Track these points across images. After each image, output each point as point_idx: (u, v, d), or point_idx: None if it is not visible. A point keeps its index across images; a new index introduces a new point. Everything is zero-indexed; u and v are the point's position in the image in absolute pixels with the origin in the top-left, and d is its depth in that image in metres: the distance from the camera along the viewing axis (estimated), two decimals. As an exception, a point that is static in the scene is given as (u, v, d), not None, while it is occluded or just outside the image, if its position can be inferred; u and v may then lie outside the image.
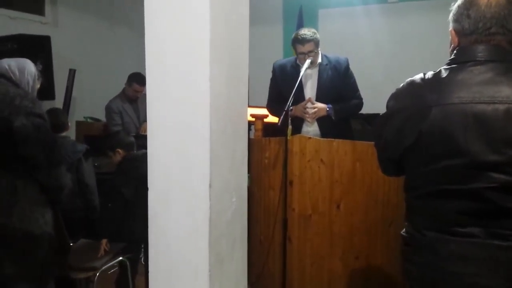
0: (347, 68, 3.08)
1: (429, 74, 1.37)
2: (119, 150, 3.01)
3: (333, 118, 3.02)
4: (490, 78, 1.27)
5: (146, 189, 1.57)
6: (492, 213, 1.26)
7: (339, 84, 3.05)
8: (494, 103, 1.23)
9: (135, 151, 3.06)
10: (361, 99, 3.14)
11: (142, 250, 3.21)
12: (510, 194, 1.23)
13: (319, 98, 3.06)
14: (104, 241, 2.82)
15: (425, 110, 1.31)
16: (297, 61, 3.05)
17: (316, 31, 3.03)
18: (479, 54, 1.31)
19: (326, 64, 3.07)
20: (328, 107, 3.01)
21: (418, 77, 1.39)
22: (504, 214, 1.25)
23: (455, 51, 1.38)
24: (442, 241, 1.33)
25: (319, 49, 3.06)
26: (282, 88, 3.02)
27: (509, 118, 1.21)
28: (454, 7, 1.40)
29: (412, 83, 1.40)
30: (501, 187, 1.23)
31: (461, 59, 1.34)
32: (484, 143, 1.24)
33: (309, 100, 3.03)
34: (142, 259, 3.30)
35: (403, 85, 1.43)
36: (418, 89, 1.37)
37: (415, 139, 1.34)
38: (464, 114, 1.26)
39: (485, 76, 1.28)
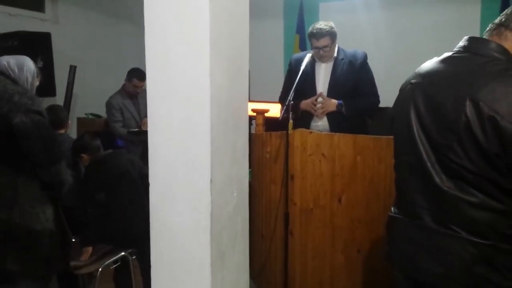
0: (363, 62, 3.02)
1: (434, 58, 1.46)
2: (83, 155, 2.88)
3: (344, 113, 2.97)
4: (468, 70, 1.31)
5: (118, 190, 1.57)
6: (435, 194, 1.31)
7: (353, 79, 3.00)
8: (453, 88, 1.28)
9: (101, 153, 2.93)
10: (377, 96, 3.06)
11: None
12: (451, 180, 1.27)
13: (330, 93, 3.01)
14: (90, 248, 2.75)
15: (406, 86, 1.46)
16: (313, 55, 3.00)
17: (333, 25, 2.96)
18: (486, 49, 1.34)
19: (342, 59, 3.02)
20: (338, 103, 2.97)
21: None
22: (443, 197, 1.28)
23: (465, 39, 1.43)
24: (397, 220, 1.42)
25: (336, 43, 3.02)
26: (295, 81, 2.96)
27: (456, 106, 1.25)
28: None
29: (422, 64, 1.51)
30: (444, 171, 1.29)
31: (462, 48, 1.39)
32: (434, 123, 1.31)
33: (320, 94, 3.00)
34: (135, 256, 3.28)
35: None
36: (418, 69, 1.48)
37: (394, 112, 1.51)
38: (425, 94, 1.36)
39: (464, 67, 1.32)
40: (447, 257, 1.27)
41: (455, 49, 1.40)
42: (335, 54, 3.03)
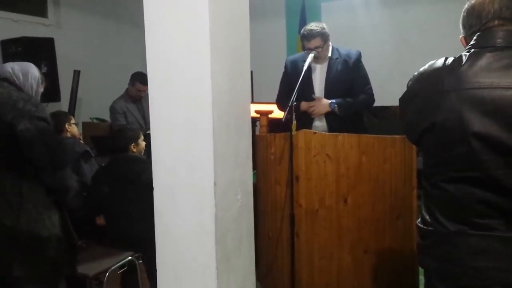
0: (357, 61, 3.03)
1: (450, 59, 1.37)
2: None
3: (338, 114, 2.98)
4: (508, 64, 1.26)
5: (139, 190, 1.58)
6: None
7: (348, 78, 3.00)
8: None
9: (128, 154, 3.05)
10: (371, 94, 3.06)
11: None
12: None
13: (327, 93, 3.02)
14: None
15: (443, 94, 1.31)
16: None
17: (324, 26, 2.98)
18: (498, 40, 1.31)
19: (337, 58, 3.03)
20: (331, 103, 2.98)
21: (440, 61, 1.39)
22: None
23: (475, 37, 1.37)
24: (462, 233, 1.31)
25: (329, 43, 3.02)
26: (293, 83, 2.89)
27: None
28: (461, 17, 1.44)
29: (432, 66, 1.40)
30: None
31: (481, 44, 1.34)
32: (503, 129, 1.22)
33: (317, 98, 3.02)
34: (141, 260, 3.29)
35: (424, 67, 1.43)
36: (437, 72, 1.36)
37: (431, 124, 1.34)
38: (482, 100, 1.25)
39: (504, 62, 1.27)
40: None
41: (480, 45, 1.34)
42: (330, 54, 3.04)
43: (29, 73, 2.06)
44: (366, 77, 3.07)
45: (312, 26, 2.96)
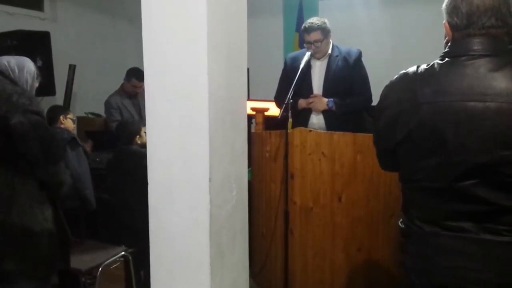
0: (357, 60, 3.02)
1: (422, 68, 1.34)
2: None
3: (335, 112, 2.98)
4: (482, 74, 1.23)
5: (137, 183, 1.58)
6: (484, 211, 1.25)
7: (347, 76, 3.00)
8: (485, 101, 1.20)
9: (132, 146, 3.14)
10: (369, 94, 3.06)
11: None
12: (501, 192, 1.22)
13: (326, 90, 3.02)
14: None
15: (416, 106, 1.29)
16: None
17: (326, 21, 2.98)
18: (474, 48, 1.27)
19: (337, 56, 3.03)
20: (328, 101, 2.98)
21: (411, 70, 1.36)
22: (496, 210, 1.23)
23: (449, 44, 1.34)
24: (434, 234, 1.33)
25: (330, 39, 3.03)
26: (291, 80, 2.87)
27: (500, 117, 1.18)
28: None
29: (405, 77, 1.36)
30: (492, 186, 1.22)
31: (455, 53, 1.30)
32: (475, 141, 1.21)
33: (315, 95, 3.03)
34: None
35: (396, 77, 1.40)
36: (410, 83, 1.33)
37: (406, 134, 1.33)
38: (455, 112, 1.23)
39: (478, 71, 1.24)
40: (506, 265, 1.24)
41: (454, 54, 1.30)
42: (330, 51, 3.04)
43: (25, 67, 2.04)
44: (365, 78, 3.07)
45: (314, 19, 2.97)
